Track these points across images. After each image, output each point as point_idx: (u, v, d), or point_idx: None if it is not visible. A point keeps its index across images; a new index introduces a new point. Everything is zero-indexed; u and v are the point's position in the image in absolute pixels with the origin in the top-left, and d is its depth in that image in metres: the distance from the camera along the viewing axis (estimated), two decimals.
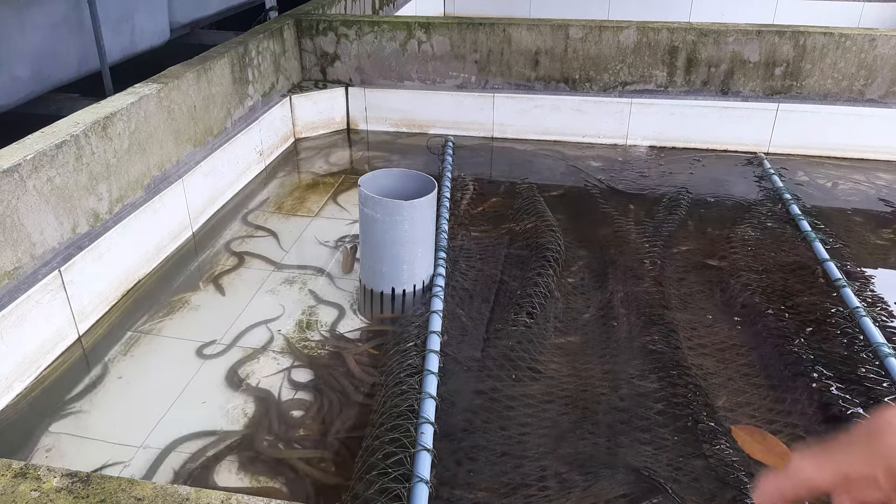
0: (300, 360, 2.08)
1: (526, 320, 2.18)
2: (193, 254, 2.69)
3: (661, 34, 3.54)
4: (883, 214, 3.04)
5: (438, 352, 1.96)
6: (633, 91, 3.67)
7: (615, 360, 2.05)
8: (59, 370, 2.03)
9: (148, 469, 1.70)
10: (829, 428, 1.83)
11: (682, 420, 1.81)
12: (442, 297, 2.19)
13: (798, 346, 2.10)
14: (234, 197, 3.13)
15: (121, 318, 2.27)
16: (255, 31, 3.54)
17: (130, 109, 2.42)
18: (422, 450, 1.60)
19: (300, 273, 2.55)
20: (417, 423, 1.69)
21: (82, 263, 2.14)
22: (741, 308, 2.31)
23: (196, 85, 2.86)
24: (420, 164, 3.47)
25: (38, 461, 1.71)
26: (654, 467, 1.66)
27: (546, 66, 3.69)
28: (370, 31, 3.77)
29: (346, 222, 2.93)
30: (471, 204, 3.04)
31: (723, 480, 1.63)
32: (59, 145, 2.08)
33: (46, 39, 3.21)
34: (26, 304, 1.92)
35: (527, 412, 1.85)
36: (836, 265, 2.46)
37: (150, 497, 1.05)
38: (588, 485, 1.61)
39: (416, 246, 2.14)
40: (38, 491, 1.07)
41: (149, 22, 3.99)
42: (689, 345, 2.12)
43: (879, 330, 2.10)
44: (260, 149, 3.40)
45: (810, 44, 3.45)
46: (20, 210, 1.94)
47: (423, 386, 1.82)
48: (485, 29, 3.66)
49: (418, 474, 1.53)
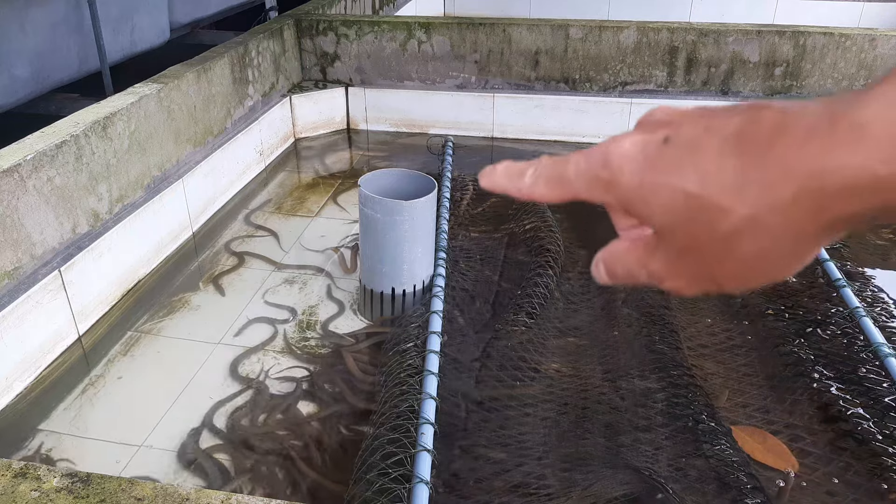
0: (300, 359, 2.08)
1: (526, 321, 2.18)
2: (193, 254, 2.69)
3: (661, 34, 3.54)
4: None
5: (438, 352, 1.96)
6: (634, 91, 3.67)
7: (616, 360, 2.05)
8: (59, 370, 2.03)
9: (148, 469, 1.70)
10: (829, 428, 1.83)
11: (683, 420, 1.81)
12: (442, 298, 2.19)
13: (798, 346, 2.10)
14: (234, 197, 3.13)
15: (121, 318, 2.27)
16: (255, 31, 3.54)
17: (130, 109, 2.42)
18: (422, 450, 1.60)
19: (300, 273, 2.55)
20: (418, 423, 1.69)
21: (82, 263, 2.14)
22: (741, 308, 2.31)
23: (196, 85, 2.86)
24: (420, 164, 3.47)
25: (38, 461, 1.71)
26: (654, 467, 1.66)
27: (546, 66, 3.69)
28: (370, 31, 3.77)
29: (346, 222, 2.93)
30: (471, 204, 3.04)
31: (723, 480, 1.63)
32: (59, 145, 2.08)
33: (46, 39, 3.21)
34: (26, 304, 1.92)
35: (526, 412, 1.85)
36: (836, 265, 2.46)
37: (150, 497, 1.05)
38: (588, 484, 1.61)
39: (416, 246, 2.14)
40: (38, 491, 1.07)
41: (149, 22, 3.99)
42: (689, 345, 2.12)
43: (879, 330, 2.10)
44: (260, 149, 3.40)
45: (810, 44, 3.45)
46: (20, 210, 1.94)
47: (423, 386, 1.82)
48: (485, 29, 3.66)
49: (418, 475, 1.53)
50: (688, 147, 0.34)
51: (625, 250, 0.39)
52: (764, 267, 0.34)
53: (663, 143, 0.35)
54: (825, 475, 1.69)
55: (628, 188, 0.35)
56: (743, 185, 0.32)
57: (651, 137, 0.35)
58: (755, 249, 0.33)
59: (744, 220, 0.32)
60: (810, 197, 0.31)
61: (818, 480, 1.68)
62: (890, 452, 1.74)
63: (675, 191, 0.34)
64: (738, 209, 0.32)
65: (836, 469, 1.71)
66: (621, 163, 0.36)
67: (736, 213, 0.32)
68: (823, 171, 0.30)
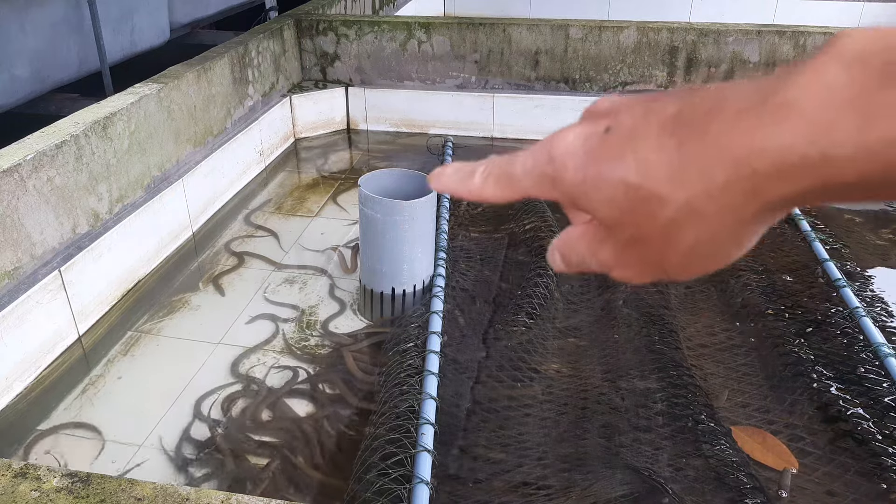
0: (300, 359, 2.08)
1: (526, 321, 2.18)
2: (193, 254, 2.69)
3: (661, 34, 3.54)
4: (883, 214, 3.04)
5: (438, 352, 1.96)
6: (634, 91, 3.67)
7: (616, 361, 2.05)
8: (59, 370, 2.03)
9: (148, 469, 1.70)
10: (829, 428, 1.83)
11: (683, 420, 1.81)
12: (442, 298, 2.19)
13: (798, 346, 2.10)
14: (234, 197, 3.13)
15: (121, 318, 2.27)
16: (255, 31, 3.54)
17: (130, 109, 2.42)
18: (422, 451, 1.60)
19: (300, 273, 2.55)
20: (418, 423, 1.69)
21: (82, 263, 2.14)
22: (741, 308, 2.31)
23: (196, 85, 2.86)
24: (420, 164, 3.47)
25: (38, 461, 1.71)
26: (654, 467, 1.66)
27: (546, 66, 3.69)
28: (370, 31, 3.77)
29: (346, 222, 2.93)
30: (471, 204, 3.04)
31: (722, 481, 1.63)
32: (59, 145, 2.08)
33: (46, 39, 3.21)
34: (26, 304, 1.92)
35: (526, 412, 1.85)
36: (836, 265, 2.46)
37: (150, 497, 1.05)
38: (588, 484, 1.61)
39: (416, 246, 2.14)
40: (38, 491, 1.07)
41: (149, 22, 3.99)
42: (688, 345, 2.12)
43: (879, 330, 2.10)
44: (260, 149, 3.40)
45: (810, 44, 3.45)
46: (20, 210, 1.94)
47: (423, 386, 1.82)
48: (485, 29, 3.66)
49: (419, 475, 1.53)
50: (628, 135, 0.33)
51: (577, 238, 0.38)
52: (707, 254, 0.34)
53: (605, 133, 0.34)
54: (825, 475, 1.69)
55: (572, 183, 0.35)
56: (680, 171, 0.31)
57: (593, 129, 0.35)
58: (696, 237, 0.33)
59: (681, 208, 0.32)
60: (743, 179, 0.30)
61: (818, 480, 1.68)
62: (890, 452, 1.74)
63: (616, 183, 0.33)
64: (676, 197, 0.31)
65: (836, 469, 1.71)
66: (564, 158, 0.35)
67: (674, 202, 0.32)
68: (752, 153, 0.29)
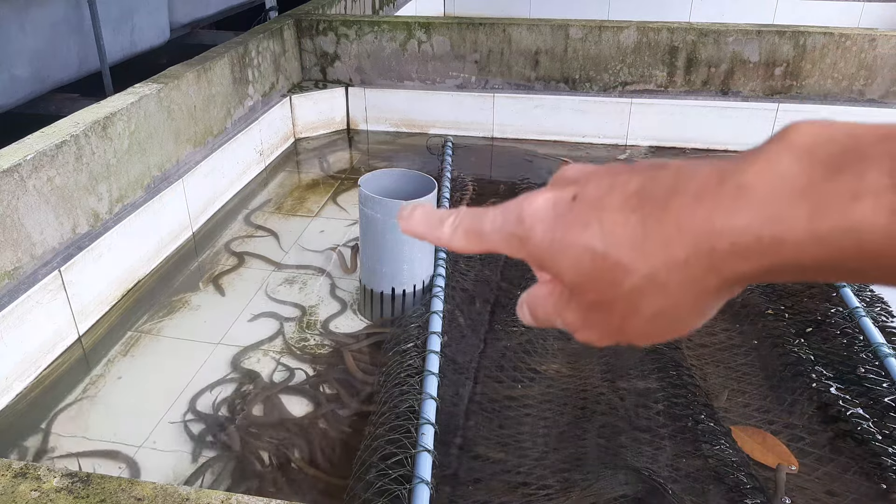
0: (300, 359, 2.08)
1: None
2: (193, 254, 2.69)
3: (661, 34, 3.54)
4: None
5: (439, 353, 1.96)
6: (634, 91, 3.67)
7: (615, 361, 2.05)
8: (59, 370, 2.03)
9: (148, 469, 1.70)
10: (829, 428, 1.83)
11: (683, 420, 1.81)
12: (442, 298, 2.19)
13: (798, 346, 2.10)
14: (234, 197, 3.13)
15: (121, 318, 2.27)
16: (255, 31, 3.54)
17: (130, 109, 2.42)
18: (422, 451, 1.60)
19: (300, 273, 2.55)
20: (418, 423, 1.69)
21: (82, 263, 2.14)
22: (741, 308, 2.31)
23: (196, 85, 2.86)
24: (420, 164, 3.47)
25: (38, 461, 1.71)
26: (653, 467, 1.66)
27: (546, 66, 3.69)
28: (370, 31, 3.77)
29: (347, 222, 2.93)
30: (470, 204, 3.04)
31: (722, 480, 1.63)
32: (59, 145, 2.08)
33: (46, 39, 3.21)
34: (26, 304, 1.92)
35: (526, 412, 1.85)
36: None
37: (150, 497, 1.05)
38: (588, 484, 1.61)
39: (416, 246, 2.14)
40: (37, 491, 1.07)
41: (149, 22, 3.99)
42: (688, 345, 2.12)
43: (879, 330, 2.10)
44: (260, 149, 3.40)
45: (810, 44, 3.45)
46: (20, 210, 1.94)
47: (423, 386, 1.82)
48: (485, 29, 3.66)
49: (419, 475, 1.53)
50: (593, 205, 0.34)
51: (544, 296, 0.39)
52: (668, 322, 0.35)
53: (572, 200, 0.35)
54: (825, 475, 1.69)
55: (540, 246, 0.36)
56: (642, 243, 0.32)
57: (562, 195, 0.36)
58: (657, 306, 0.34)
59: (644, 278, 0.33)
60: (702, 257, 0.31)
61: (818, 480, 1.68)
62: (890, 452, 1.74)
63: (582, 249, 0.34)
64: (639, 268, 0.33)
65: (835, 469, 1.71)
66: (533, 220, 0.36)
67: (637, 272, 0.33)
68: (711, 233, 0.30)
